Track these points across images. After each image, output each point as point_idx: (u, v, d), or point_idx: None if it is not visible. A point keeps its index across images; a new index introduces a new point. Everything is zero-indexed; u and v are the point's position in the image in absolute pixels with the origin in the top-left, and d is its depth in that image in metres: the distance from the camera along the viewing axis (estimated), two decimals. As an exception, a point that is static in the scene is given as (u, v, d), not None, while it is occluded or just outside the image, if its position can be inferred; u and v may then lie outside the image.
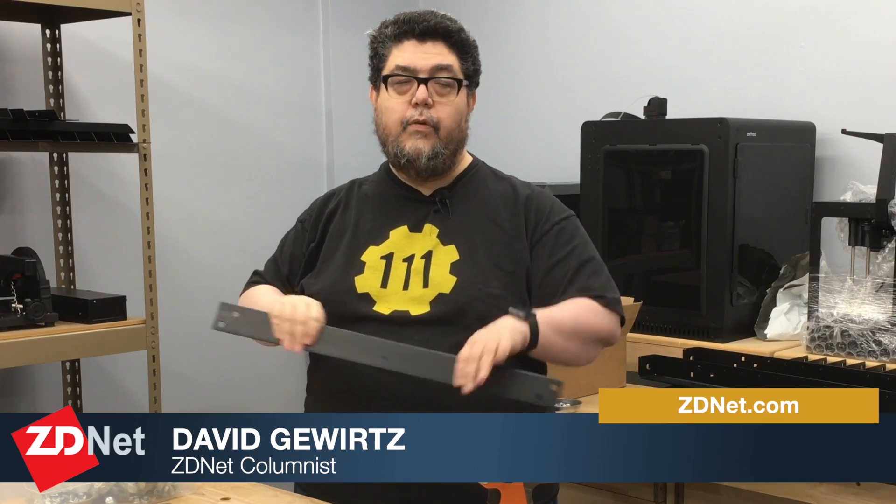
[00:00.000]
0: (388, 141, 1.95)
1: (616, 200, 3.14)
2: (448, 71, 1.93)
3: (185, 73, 3.70)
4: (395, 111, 1.93)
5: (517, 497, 1.55)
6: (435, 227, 1.96)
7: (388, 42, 1.96)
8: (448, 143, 1.94)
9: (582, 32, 3.83)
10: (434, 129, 1.92)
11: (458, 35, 1.95)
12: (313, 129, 4.09)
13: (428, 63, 1.92)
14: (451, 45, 1.95)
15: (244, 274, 3.74)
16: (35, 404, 3.35)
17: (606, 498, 2.54)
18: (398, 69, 1.93)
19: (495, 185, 2.04)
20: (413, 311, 1.89)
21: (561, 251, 1.97)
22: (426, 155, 1.92)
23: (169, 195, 3.55)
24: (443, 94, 1.93)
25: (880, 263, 2.78)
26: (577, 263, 1.96)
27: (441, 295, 1.89)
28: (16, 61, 3.27)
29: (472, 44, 1.98)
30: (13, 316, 2.81)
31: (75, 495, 1.76)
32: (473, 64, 1.98)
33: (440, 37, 1.94)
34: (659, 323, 3.02)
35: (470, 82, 1.98)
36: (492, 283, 1.91)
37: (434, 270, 1.91)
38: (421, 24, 1.93)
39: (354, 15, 4.11)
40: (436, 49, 1.93)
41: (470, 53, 1.97)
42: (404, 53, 1.93)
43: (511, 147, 3.96)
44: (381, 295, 1.90)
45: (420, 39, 1.93)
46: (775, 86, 3.31)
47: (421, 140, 1.92)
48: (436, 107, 1.92)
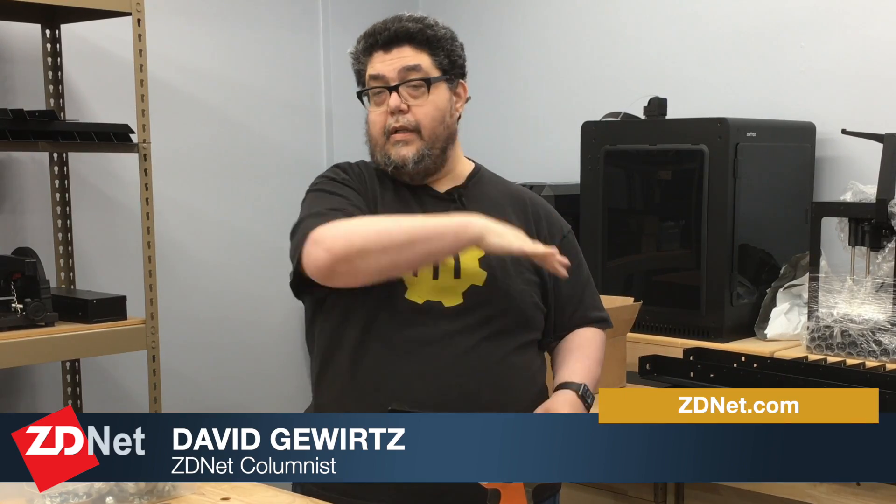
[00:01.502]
0: (376, 151, 1.99)
1: (616, 200, 3.13)
2: (416, 71, 1.93)
3: (185, 73, 3.69)
4: (377, 122, 1.97)
5: (517, 497, 1.55)
6: None
7: (361, 57, 1.99)
8: (433, 143, 1.94)
9: (582, 32, 3.83)
10: (416, 132, 1.93)
11: (423, 34, 1.95)
12: (313, 129, 4.09)
13: (394, 68, 1.93)
14: (418, 44, 1.95)
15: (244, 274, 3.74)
16: (35, 404, 3.35)
17: (606, 498, 2.54)
18: (371, 79, 1.96)
19: (501, 187, 2.07)
20: (446, 301, 1.89)
21: (570, 266, 1.99)
22: (411, 160, 1.93)
23: (169, 195, 3.55)
24: (416, 95, 1.93)
25: (880, 263, 2.78)
26: (583, 281, 2.05)
27: (474, 287, 1.90)
28: (16, 61, 3.27)
29: (442, 36, 1.97)
30: (13, 316, 2.81)
31: (75, 495, 1.76)
32: (448, 56, 1.97)
33: (403, 41, 1.94)
34: (659, 323, 3.02)
35: (449, 74, 1.97)
36: (517, 279, 1.93)
37: (464, 263, 1.91)
38: (383, 34, 1.95)
39: (354, 15, 4.11)
40: (401, 54, 1.94)
41: (441, 47, 1.96)
42: (374, 65, 1.96)
43: (511, 147, 3.96)
44: (412, 281, 1.89)
45: (385, 49, 1.95)
46: (775, 86, 3.31)
47: (403, 147, 1.94)
48: (412, 110, 1.93)
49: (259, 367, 3.87)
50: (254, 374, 3.90)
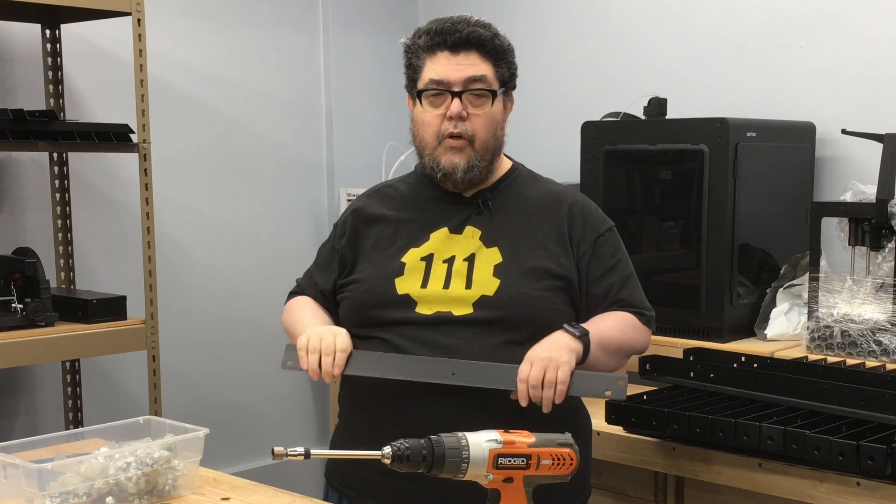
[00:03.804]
0: (425, 153, 1.96)
1: (616, 200, 3.13)
2: (482, 82, 1.91)
3: (185, 73, 3.70)
4: (431, 125, 1.93)
5: (517, 497, 1.55)
6: (477, 230, 1.96)
7: (421, 53, 1.95)
8: (484, 155, 1.94)
9: (582, 32, 3.83)
10: (469, 141, 1.92)
11: (492, 42, 1.94)
12: (313, 129, 4.09)
13: (461, 75, 1.90)
14: (485, 53, 1.93)
15: (244, 274, 3.77)
16: (35, 404, 3.35)
17: (606, 498, 2.54)
18: (432, 83, 1.92)
19: (536, 188, 2.04)
20: (456, 311, 1.89)
21: (605, 264, 1.99)
22: (462, 169, 1.92)
23: (169, 195, 3.55)
24: (477, 104, 1.92)
25: (880, 263, 2.78)
26: (620, 279, 2.00)
27: (484, 297, 1.89)
28: (16, 61, 3.28)
29: (506, 48, 1.97)
30: (13, 316, 2.81)
31: (75, 495, 1.76)
32: (509, 69, 1.97)
33: (473, 46, 1.92)
34: (659, 323, 3.00)
35: (506, 88, 1.97)
36: (535, 286, 1.91)
37: (477, 272, 1.91)
38: (453, 35, 1.91)
39: (354, 15, 4.11)
40: (469, 60, 1.91)
41: (505, 59, 1.96)
42: (437, 66, 1.92)
43: (511, 147, 3.92)
44: (421, 296, 1.90)
45: (453, 51, 1.92)
46: (775, 86, 3.31)
47: (456, 155, 1.92)
48: (470, 119, 1.91)
49: (259, 367, 3.87)
50: (254, 374, 3.90)
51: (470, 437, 1.52)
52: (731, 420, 2.15)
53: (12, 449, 1.85)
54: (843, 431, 2.07)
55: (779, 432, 2.07)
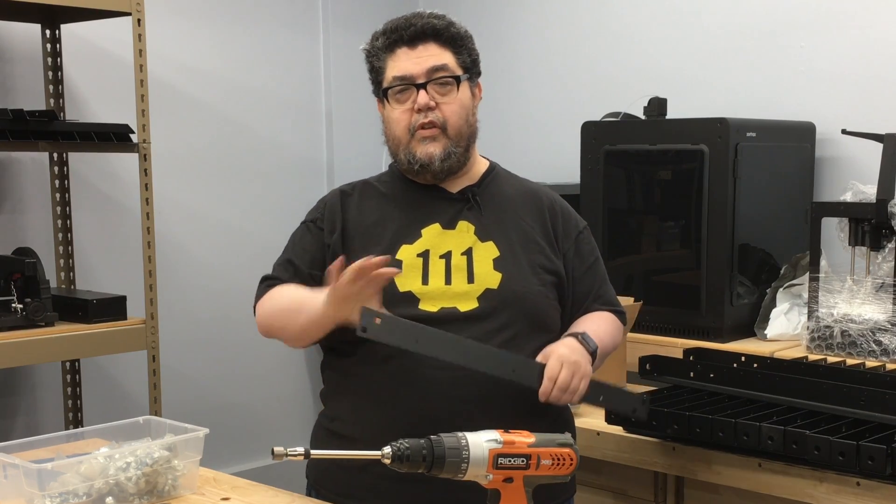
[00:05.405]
0: (400, 150, 1.95)
1: (616, 200, 3.13)
2: (444, 70, 1.93)
3: (185, 73, 3.70)
4: (401, 121, 1.93)
5: (517, 497, 1.54)
6: (471, 224, 1.96)
7: (381, 54, 1.97)
8: (459, 141, 1.94)
9: (582, 32, 3.83)
10: (441, 129, 1.92)
11: (448, 31, 1.95)
12: (313, 129, 4.09)
13: (422, 67, 1.92)
14: (443, 42, 1.94)
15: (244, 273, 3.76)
16: (35, 404, 3.35)
17: (606, 498, 2.54)
18: (395, 80, 1.93)
19: (516, 185, 2.06)
20: (461, 307, 1.89)
21: (586, 262, 2.03)
22: (438, 157, 1.92)
23: (169, 195, 3.55)
24: (443, 93, 1.93)
25: (880, 263, 2.78)
26: (600, 277, 2.06)
27: (488, 290, 1.90)
28: (16, 61, 3.28)
29: (464, 35, 1.97)
30: (13, 316, 2.81)
31: (75, 495, 1.76)
32: (470, 55, 1.98)
33: (430, 37, 1.93)
34: (659, 323, 3.02)
35: (470, 74, 1.98)
36: (533, 280, 1.93)
37: (477, 267, 1.91)
38: (409, 30, 1.93)
39: (354, 15, 4.11)
40: (428, 51, 1.93)
41: (464, 45, 1.97)
42: (398, 62, 1.93)
43: (511, 147, 3.96)
44: (423, 292, 1.89)
45: (411, 45, 1.93)
46: (775, 86, 3.31)
47: (430, 144, 1.92)
48: (440, 107, 1.92)
49: (259, 367, 3.87)
50: (254, 374, 3.90)
51: (470, 437, 1.52)
52: (731, 420, 2.14)
53: (12, 449, 1.85)
54: (843, 431, 2.07)
55: (779, 432, 2.07)
